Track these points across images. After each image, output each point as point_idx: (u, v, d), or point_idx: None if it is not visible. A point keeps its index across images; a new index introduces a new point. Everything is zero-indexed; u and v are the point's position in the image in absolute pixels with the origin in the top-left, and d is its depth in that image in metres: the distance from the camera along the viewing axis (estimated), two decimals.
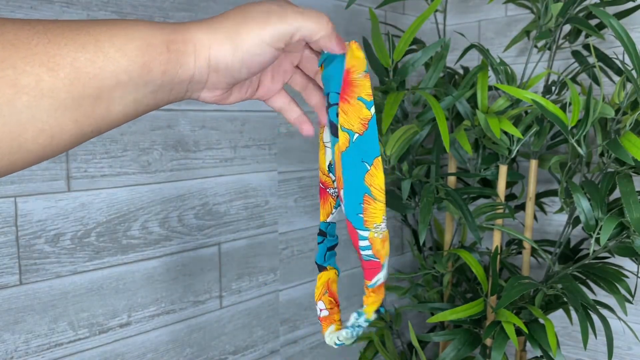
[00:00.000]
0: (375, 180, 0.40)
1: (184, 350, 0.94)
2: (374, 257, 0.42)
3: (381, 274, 0.42)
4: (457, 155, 1.06)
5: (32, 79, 0.29)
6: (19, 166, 0.31)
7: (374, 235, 0.41)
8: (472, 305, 0.95)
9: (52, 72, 0.30)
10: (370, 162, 0.40)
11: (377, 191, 0.40)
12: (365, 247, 0.42)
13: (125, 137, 0.84)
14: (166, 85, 0.35)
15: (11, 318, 0.74)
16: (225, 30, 0.36)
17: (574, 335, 1.25)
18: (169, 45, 0.34)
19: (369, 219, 0.41)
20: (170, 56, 0.34)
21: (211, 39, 0.36)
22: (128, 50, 0.32)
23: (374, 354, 1.19)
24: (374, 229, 0.41)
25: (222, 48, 0.36)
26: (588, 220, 0.85)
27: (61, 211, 0.78)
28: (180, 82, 0.36)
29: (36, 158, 0.31)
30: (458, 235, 1.25)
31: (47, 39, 0.30)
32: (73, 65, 0.30)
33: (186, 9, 0.90)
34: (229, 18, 0.37)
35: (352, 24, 1.20)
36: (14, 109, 0.28)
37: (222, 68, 0.37)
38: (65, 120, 0.31)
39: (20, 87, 0.28)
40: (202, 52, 0.36)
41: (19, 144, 0.29)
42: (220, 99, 0.41)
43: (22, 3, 0.73)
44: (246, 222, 1.01)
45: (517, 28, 1.29)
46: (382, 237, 0.41)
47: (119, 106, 0.33)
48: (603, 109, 0.84)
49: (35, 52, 0.29)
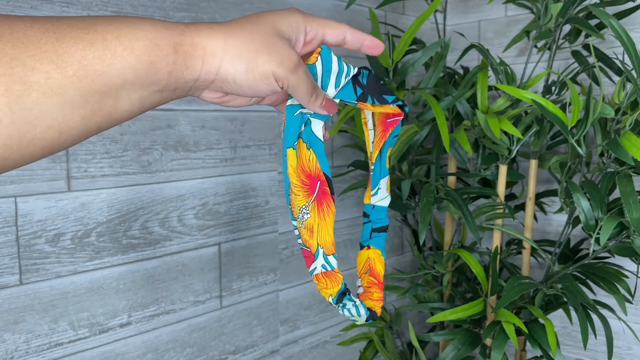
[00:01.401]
0: (288, 174, 0.42)
1: (184, 350, 0.94)
2: (305, 246, 0.44)
3: (316, 262, 0.44)
4: (457, 155, 1.06)
5: (42, 76, 0.29)
6: (27, 160, 0.31)
7: (299, 225, 0.43)
8: (472, 305, 0.95)
9: (61, 69, 0.30)
10: (285, 154, 0.42)
11: (293, 183, 0.42)
12: (297, 235, 0.44)
13: (126, 137, 0.84)
14: (171, 85, 0.36)
15: (11, 318, 0.74)
16: (242, 50, 0.37)
17: (574, 335, 1.25)
18: (177, 48, 0.35)
19: (294, 209, 0.43)
20: (177, 58, 0.35)
21: (225, 52, 0.37)
22: (135, 48, 0.33)
23: (374, 353, 1.19)
24: (297, 219, 0.43)
25: (235, 65, 0.37)
26: (588, 220, 0.86)
27: (61, 211, 0.78)
28: (185, 82, 0.36)
29: (43, 153, 0.32)
30: (458, 235, 1.25)
31: (56, 37, 0.30)
32: (81, 63, 0.31)
33: (186, 9, 0.91)
34: (248, 39, 0.38)
35: (352, 24, 1.21)
36: (23, 105, 0.29)
37: (231, 81, 0.38)
38: (73, 116, 0.31)
39: (29, 84, 0.29)
40: (211, 60, 0.37)
41: (28, 140, 0.30)
42: (222, 102, 0.41)
43: (22, 3, 0.73)
44: (246, 222, 1.02)
45: (517, 28, 1.29)
46: (304, 227, 0.43)
47: (125, 104, 0.34)
48: (603, 109, 0.84)
49: (44, 50, 0.30)
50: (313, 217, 0.43)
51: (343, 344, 1.20)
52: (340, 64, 0.44)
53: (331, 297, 0.45)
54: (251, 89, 0.39)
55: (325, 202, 0.43)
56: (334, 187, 1.17)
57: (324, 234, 0.43)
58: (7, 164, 0.30)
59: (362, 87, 0.46)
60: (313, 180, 0.43)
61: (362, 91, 0.46)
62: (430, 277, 1.13)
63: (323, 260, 0.44)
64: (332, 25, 0.42)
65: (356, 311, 0.46)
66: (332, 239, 0.44)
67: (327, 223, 0.44)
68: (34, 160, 0.32)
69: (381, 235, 0.51)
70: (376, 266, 0.50)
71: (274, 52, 0.38)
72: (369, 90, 0.47)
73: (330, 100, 0.43)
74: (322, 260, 0.44)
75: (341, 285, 0.45)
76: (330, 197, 0.44)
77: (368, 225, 0.52)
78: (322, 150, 0.43)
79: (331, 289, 0.44)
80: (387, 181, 0.51)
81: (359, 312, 0.46)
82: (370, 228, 0.51)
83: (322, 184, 0.43)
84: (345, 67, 0.44)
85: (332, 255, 0.44)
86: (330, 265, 0.44)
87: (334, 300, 0.45)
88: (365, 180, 1.08)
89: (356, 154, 1.21)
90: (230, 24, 0.38)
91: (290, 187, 0.43)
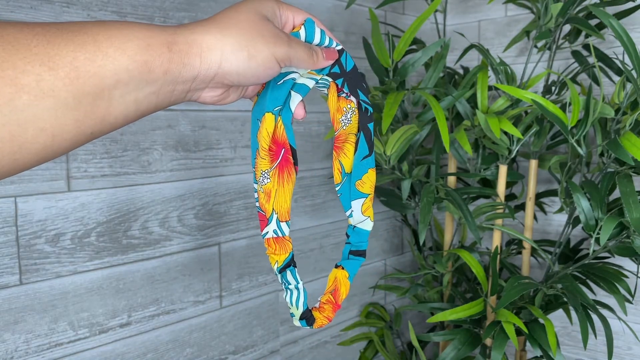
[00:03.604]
0: (260, 136, 0.43)
1: (184, 350, 0.94)
2: (261, 210, 0.45)
3: (269, 227, 0.45)
4: (457, 155, 1.06)
5: (33, 78, 0.29)
6: (20, 166, 0.31)
7: (258, 188, 0.44)
8: (472, 305, 0.95)
9: (53, 71, 0.30)
10: (260, 119, 0.43)
11: (262, 146, 0.43)
12: (256, 199, 0.45)
13: (126, 137, 0.84)
14: (168, 85, 0.35)
15: (11, 318, 0.74)
16: (239, 39, 0.38)
17: (574, 335, 1.25)
18: (170, 46, 0.35)
19: (257, 172, 0.44)
20: (173, 56, 0.35)
21: (224, 43, 0.37)
22: (127, 49, 0.33)
23: (374, 353, 1.19)
24: (258, 182, 0.44)
25: (237, 55, 0.37)
26: (588, 220, 0.86)
27: (61, 211, 0.78)
28: (183, 82, 0.36)
29: (37, 159, 0.31)
30: (458, 235, 1.25)
31: (47, 40, 0.30)
32: (73, 64, 0.31)
33: (186, 9, 0.91)
34: (240, 28, 0.38)
35: (352, 24, 1.21)
36: (14, 108, 0.29)
37: (234, 73, 0.38)
38: (66, 119, 0.31)
39: (20, 86, 0.29)
40: (210, 55, 0.37)
41: (19, 144, 0.30)
42: (219, 99, 0.41)
43: (22, 3, 0.73)
44: (246, 222, 1.02)
45: (517, 28, 1.29)
46: (262, 191, 0.44)
47: (120, 106, 0.33)
48: (603, 109, 0.84)
49: (35, 52, 0.30)
50: (273, 182, 0.44)
51: (343, 344, 1.20)
52: (323, 36, 0.45)
53: (277, 264, 0.45)
54: (254, 77, 0.39)
55: (287, 170, 0.44)
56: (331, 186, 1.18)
57: (281, 200, 0.44)
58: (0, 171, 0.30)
59: (342, 70, 0.47)
60: (279, 147, 0.44)
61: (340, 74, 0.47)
62: (430, 277, 1.13)
63: (275, 225, 0.45)
64: (300, 12, 0.45)
65: (296, 297, 0.46)
66: (289, 206, 0.45)
67: (286, 190, 0.45)
68: (27, 166, 0.31)
69: (357, 259, 0.51)
70: (340, 288, 0.50)
71: (267, 35, 0.39)
72: (349, 78, 0.47)
73: (328, 49, 0.45)
74: (274, 226, 0.45)
75: (289, 254, 0.46)
76: (293, 167, 0.45)
77: (347, 247, 0.51)
78: (289, 121, 0.44)
79: (278, 256, 0.45)
80: (362, 203, 0.49)
81: (298, 300, 0.46)
82: (348, 249, 0.51)
83: (286, 152, 0.44)
84: (327, 40, 0.46)
85: (286, 222, 0.45)
86: (282, 231, 0.45)
87: (278, 269, 0.45)
88: None
89: None
90: (217, 18, 0.38)
91: (257, 151, 0.44)
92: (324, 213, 1.16)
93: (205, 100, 0.40)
